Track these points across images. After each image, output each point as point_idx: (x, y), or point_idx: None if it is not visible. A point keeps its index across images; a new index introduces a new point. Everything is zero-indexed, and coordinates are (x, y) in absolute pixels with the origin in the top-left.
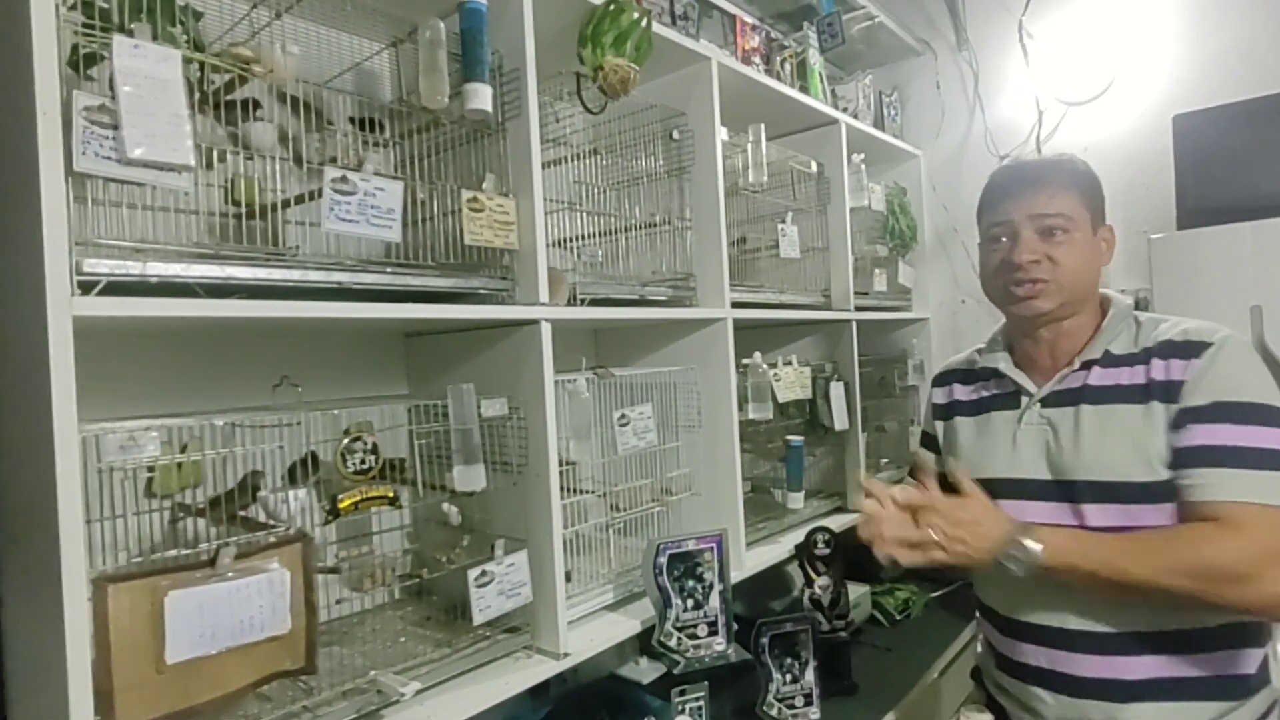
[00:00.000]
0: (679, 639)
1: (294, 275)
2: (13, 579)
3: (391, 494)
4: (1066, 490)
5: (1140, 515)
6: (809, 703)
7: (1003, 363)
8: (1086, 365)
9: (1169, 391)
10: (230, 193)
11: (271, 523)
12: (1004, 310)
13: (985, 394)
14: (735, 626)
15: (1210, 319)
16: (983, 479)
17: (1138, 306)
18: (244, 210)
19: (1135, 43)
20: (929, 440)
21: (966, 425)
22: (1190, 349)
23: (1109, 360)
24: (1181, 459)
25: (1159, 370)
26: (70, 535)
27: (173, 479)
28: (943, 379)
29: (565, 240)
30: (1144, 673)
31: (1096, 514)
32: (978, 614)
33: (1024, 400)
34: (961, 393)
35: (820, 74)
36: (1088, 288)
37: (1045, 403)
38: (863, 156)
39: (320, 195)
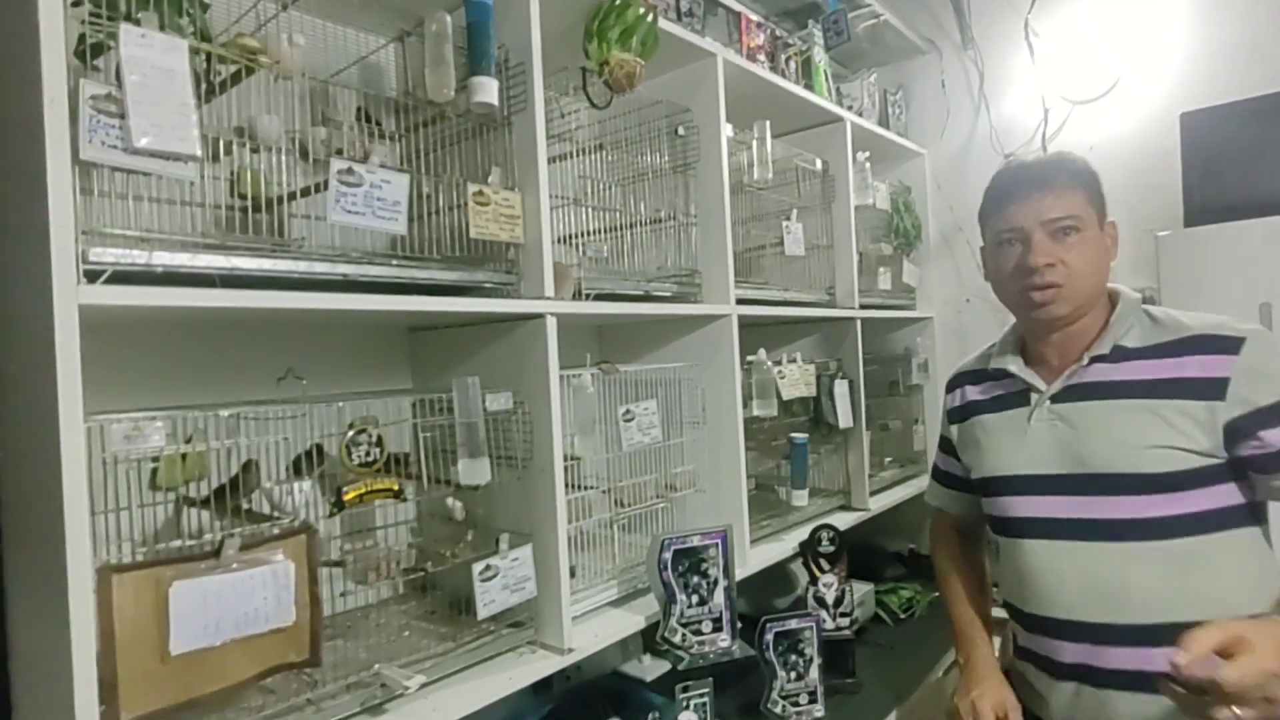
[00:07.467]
0: (683, 635)
1: (299, 267)
2: (18, 569)
3: (396, 486)
4: (1081, 484)
5: (1160, 505)
6: (813, 700)
7: (1013, 364)
8: (1096, 360)
9: (1211, 387)
10: (236, 185)
11: (276, 515)
12: (1019, 316)
13: (997, 393)
14: (739, 624)
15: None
16: (998, 476)
17: (1147, 302)
18: (249, 203)
19: (1142, 40)
20: (946, 444)
21: (980, 425)
22: (1224, 344)
23: (1121, 354)
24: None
25: (1194, 367)
26: (75, 523)
27: (177, 472)
28: (953, 383)
29: (570, 236)
30: None
31: (1112, 505)
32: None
33: (1034, 398)
34: (973, 394)
35: (825, 72)
36: (1099, 286)
37: (1056, 399)
38: (867, 155)
39: (325, 188)
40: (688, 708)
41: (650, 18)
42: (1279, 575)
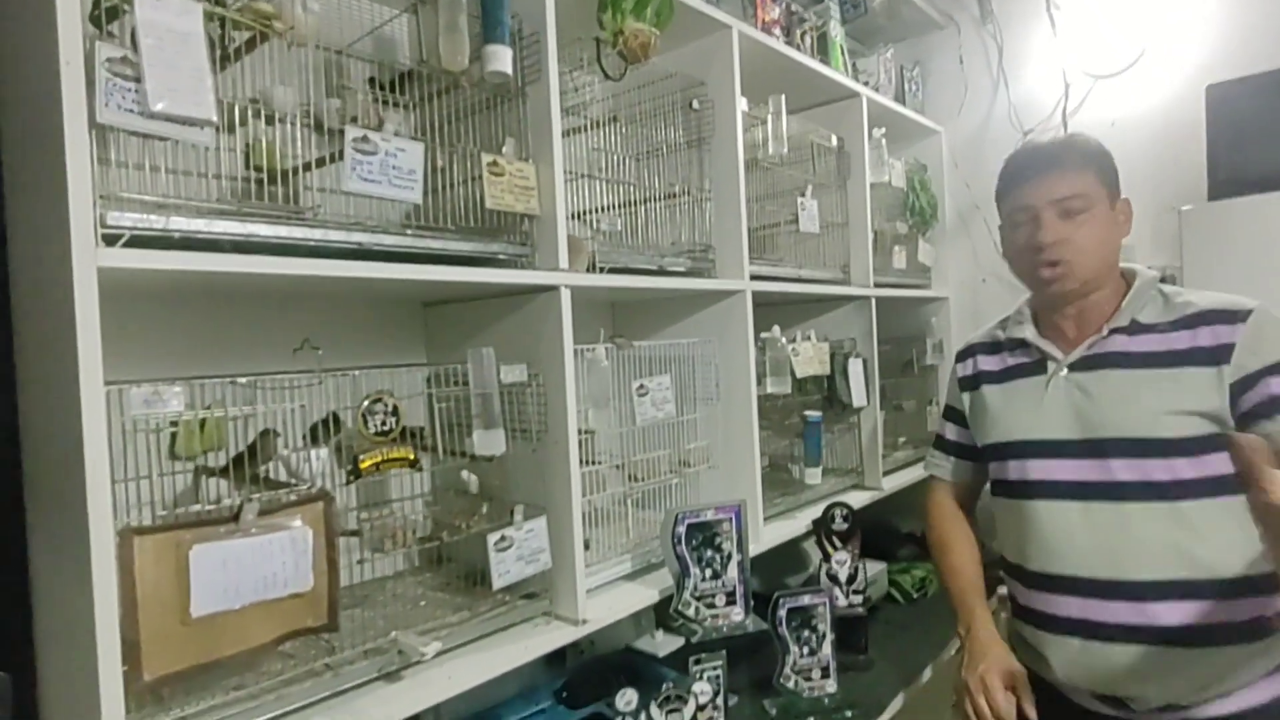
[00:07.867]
0: (697, 608)
1: (315, 234)
2: (41, 533)
3: (412, 455)
4: (1096, 448)
5: (1169, 468)
6: (825, 676)
7: (1029, 333)
8: (1115, 332)
9: (1220, 354)
10: (250, 157)
11: (293, 482)
12: (1033, 290)
13: (1011, 362)
14: (753, 601)
15: (1244, 291)
16: (1011, 440)
17: (1163, 280)
18: (264, 174)
19: (1168, 11)
20: (954, 414)
21: (994, 392)
22: (1232, 315)
23: (1138, 328)
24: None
25: (1206, 337)
26: (97, 484)
27: (195, 440)
28: (965, 353)
29: (584, 211)
30: (1173, 619)
31: (1125, 468)
32: (1002, 573)
33: (1050, 366)
34: (986, 363)
35: (841, 47)
36: (1109, 263)
37: (1073, 368)
38: (883, 131)
39: (339, 157)
40: (701, 678)
41: None
42: None
